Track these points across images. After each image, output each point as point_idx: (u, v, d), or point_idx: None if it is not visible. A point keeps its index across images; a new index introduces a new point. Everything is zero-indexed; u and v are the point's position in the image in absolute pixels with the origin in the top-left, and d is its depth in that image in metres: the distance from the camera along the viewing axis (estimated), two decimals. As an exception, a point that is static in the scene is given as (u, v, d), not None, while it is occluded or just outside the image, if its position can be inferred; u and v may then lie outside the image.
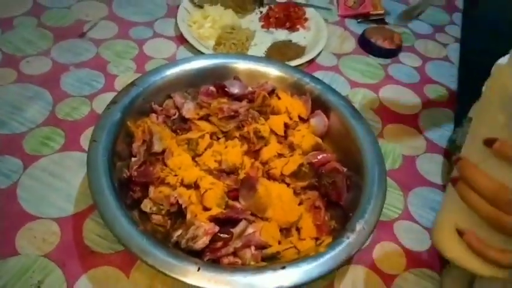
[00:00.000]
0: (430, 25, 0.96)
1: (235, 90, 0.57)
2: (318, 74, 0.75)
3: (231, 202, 0.47)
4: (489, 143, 0.35)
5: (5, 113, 0.60)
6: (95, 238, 0.49)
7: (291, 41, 0.82)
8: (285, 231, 0.49)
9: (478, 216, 0.35)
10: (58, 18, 0.78)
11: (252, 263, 0.44)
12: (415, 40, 0.91)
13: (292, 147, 0.53)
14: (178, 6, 0.81)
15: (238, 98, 0.57)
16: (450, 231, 0.38)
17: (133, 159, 0.49)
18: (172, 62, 0.59)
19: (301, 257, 0.42)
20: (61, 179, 0.54)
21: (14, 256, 0.46)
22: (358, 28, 0.90)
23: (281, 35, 0.84)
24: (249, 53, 0.77)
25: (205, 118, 0.55)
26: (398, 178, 0.62)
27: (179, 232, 0.44)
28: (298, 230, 0.49)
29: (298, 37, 0.84)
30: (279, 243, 0.47)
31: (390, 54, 0.84)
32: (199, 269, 0.39)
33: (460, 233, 0.37)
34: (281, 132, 0.54)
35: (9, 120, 0.59)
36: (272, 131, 0.54)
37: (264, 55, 0.78)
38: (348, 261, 0.51)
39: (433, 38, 0.92)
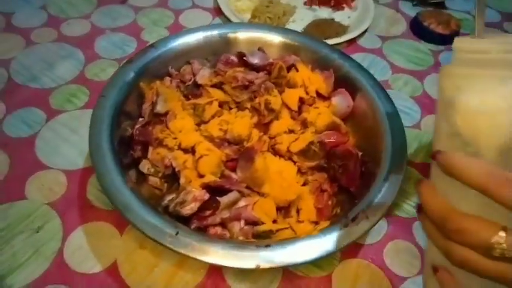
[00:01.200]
0: (499, 12, 0.84)
1: (254, 60, 0.54)
2: (356, 56, 0.70)
3: (227, 172, 0.44)
4: (433, 156, 0.29)
5: (39, 69, 0.63)
6: (97, 193, 0.49)
7: (333, 19, 0.77)
8: (284, 211, 0.45)
9: None
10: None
11: (241, 237, 0.41)
12: (478, 28, 0.80)
13: (305, 124, 0.49)
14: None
15: (257, 69, 0.54)
16: (430, 267, 0.33)
17: (140, 119, 0.49)
18: (195, 28, 0.57)
19: (290, 239, 0.39)
20: (77, 134, 0.55)
21: (21, 200, 0.48)
22: (413, 11, 0.81)
23: (323, 13, 0.79)
24: (286, 29, 0.74)
25: (219, 86, 0.52)
26: (429, 174, 0.55)
27: (171, 196, 0.43)
28: (298, 211, 0.45)
29: (342, 16, 0.78)
30: (275, 222, 0.44)
31: (444, 40, 0.75)
32: (177, 234, 0.37)
33: (435, 270, 0.31)
34: (295, 107, 0.51)
35: (41, 75, 0.62)
36: (286, 105, 0.51)
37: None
38: (352, 254, 0.47)
39: (500, 27, 0.81)
